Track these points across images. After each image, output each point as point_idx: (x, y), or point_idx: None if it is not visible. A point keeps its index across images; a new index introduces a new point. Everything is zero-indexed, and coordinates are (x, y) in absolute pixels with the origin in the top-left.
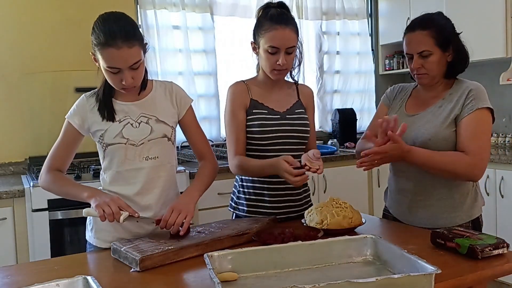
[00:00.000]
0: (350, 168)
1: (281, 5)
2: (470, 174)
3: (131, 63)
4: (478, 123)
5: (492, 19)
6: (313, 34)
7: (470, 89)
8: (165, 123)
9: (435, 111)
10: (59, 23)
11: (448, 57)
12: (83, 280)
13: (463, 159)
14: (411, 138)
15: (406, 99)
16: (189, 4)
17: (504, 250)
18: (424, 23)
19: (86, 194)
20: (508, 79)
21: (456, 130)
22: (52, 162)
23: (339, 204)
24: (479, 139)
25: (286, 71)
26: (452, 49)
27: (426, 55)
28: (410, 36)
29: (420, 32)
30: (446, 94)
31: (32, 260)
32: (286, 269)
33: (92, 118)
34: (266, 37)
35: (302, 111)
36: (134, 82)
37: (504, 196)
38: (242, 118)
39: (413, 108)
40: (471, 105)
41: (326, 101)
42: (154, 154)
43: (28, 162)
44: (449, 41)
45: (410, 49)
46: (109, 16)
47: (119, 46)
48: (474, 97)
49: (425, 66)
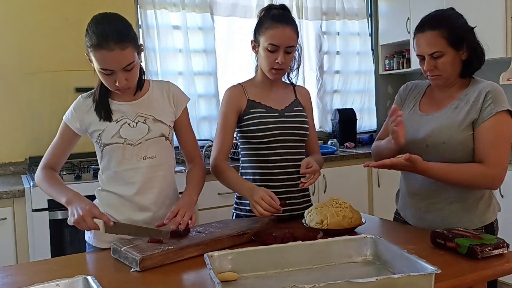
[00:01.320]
0: (350, 168)
1: (283, 7)
2: (490, 185)
3: (124, 65)
4: (498, 129)
5: (492, 19)
6: (313, 34)
7: (487, 90)
8: (163, 122)
9: (450, 113)
10: (59, 23)
11: (462, 55)
12: (83, 280)
13: (482, 173)
14: (423, 140)
15: (420, 98)
16: (189, 4)
17: (504, 250)
18: (434, 22)
19: (64, 199)
20: (508, 79)
21: (474, 135)
22: (47, 160)
23: (339, 204)
24: (499, 147)
25: (284, 71)
26: (466, 47)
27: (438, 56)
28: (420, 36)
29: (430, 32)
30: (461, 94)
31: (32, 260)
32: (286, 269)
33: (89, 118)
34: (266, 35)
35: (300, 109)
36: (128, 83)
37: (504, 196)
38: (232, 122)
39: (428, 107)
40: (489, 108)
41: (326, 101)
42: (152, 153)
43: (28, 162)
44: (462, 39)
45: (421, 50)
46: (102, 17)
47: (111, 48)
48: (493, 99)
49: (438, 67)
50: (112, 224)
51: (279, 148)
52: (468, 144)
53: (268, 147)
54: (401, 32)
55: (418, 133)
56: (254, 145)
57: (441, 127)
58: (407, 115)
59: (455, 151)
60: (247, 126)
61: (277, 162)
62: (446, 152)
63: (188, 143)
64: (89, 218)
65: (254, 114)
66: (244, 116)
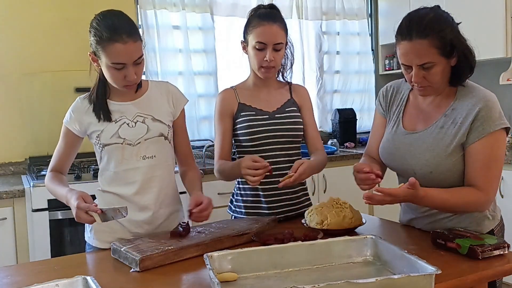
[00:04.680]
0: (350, 168)
1: (271, 6)
2: (480, 209)
3: (136, 58)
4: (489, 150)
5: (492, 19)
6: (313, 34)
7: (478, 109)
8: (162, 122)
9: (436, 134)
10: (59, 23)
11: (452, 61)
12: (82, 280)
13: (476, 199)
14: (411, 167)
15: (402, 108)
16: (189, 4)
17: (505, 250)
18: (423, 29)
19: (64, 200)
20: (508, 79)
21: (464, 156)
22: (54, 164)
23: (339, 204)
24: (491, 169)
25: (274, 69)
26: (457, 52)
27: (429, 66)
28: (406, 45)
29: (420, 41)
30: (448, 109)
31: (32, 260)
32: (286, 269)
33: (87, 120)
34: (253, 33)
35: (294, 109)
36: (137, 78)
37: (504, 196)
38: (228, 125)
39: (412, 121)
40: (481, 129)
41: (326, 101)
42: (151, 153)
43: (28, 162)
44: (454, 46)
45: (408, 60)
46: (108, 13)
47: (125, 40)
48: (484, 119)
49: (427, 78)
50: (101, 212)
51: (270, 150)
52: (457, 169)
53: (259, 150)
54: None
55: (406, 158)
56: (246, 148)
57: (427, 153)
58: (390, 134)
59: (445, 178)
60: (238, 130)
61: (270, 165)
62: (434, 180)
63: (183, 145)
64: (83, 214)
65: (243, 117)
66: (236, 119)
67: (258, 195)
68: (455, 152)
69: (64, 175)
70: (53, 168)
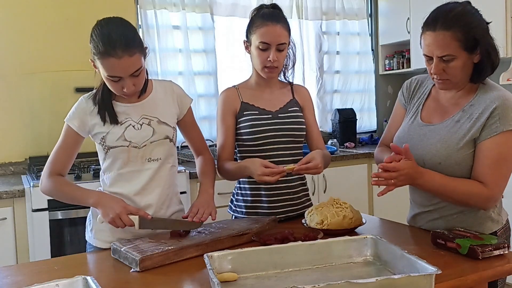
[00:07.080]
0: (350, 168)
1: (274, 6)
2: (483, 206)
3: (132, 71)
4: (501, 148)
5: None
6: (313, 34)
7: (495, 106)
8: (167, 124)
9: (451, 127)
10: (59, 23)
11: (475, 58)
12: (82, 280)
13: (479, 192)
14: (421, 157)
15: (423, 101)
16: (189, 4)
17: (505, 250)
18: (449, 21)
19: (91, 200)
20: (508, 79)
21: (475, 152)
22: (53, 167)
23: (339, 204)
24: (500, 168)
25: (277, 69)
26: (481, 49)
27: (449, 59)
28: (430, 35)
29: (443, 33)
30: (467, 104)
31: (32, 260)
32: (286, 269)
33: (92, 121)
34: (257, 33)
35: (297, 109)
36: (135, 88)
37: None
38: (230, 124)
39: (430, 114)
40: (495, 126)
41: (326, 101)
42: (157, 155)
43: (28, 162)
44: (478, 42)
45: (429, 51)
46: (107, 23)
47: (120, 55)
48: (500, 116)
49: (447, 71)
50: (150, 218)
51: (273, 150)
52: (466, 163)
53: (262, 149)
54: (401, 32)
55: (417, 148)
56: (249, 148)
57: (439, 144)
58: (407, 124)
59: (453, 171)
60: (241, 129)
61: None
62: (442, 173)
63: (196, 139)
64: (125, 216)
65: (247, 116)
66: (238, 118)
67: (259, 194)
68: (467, 147)
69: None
70: (53, 171)
